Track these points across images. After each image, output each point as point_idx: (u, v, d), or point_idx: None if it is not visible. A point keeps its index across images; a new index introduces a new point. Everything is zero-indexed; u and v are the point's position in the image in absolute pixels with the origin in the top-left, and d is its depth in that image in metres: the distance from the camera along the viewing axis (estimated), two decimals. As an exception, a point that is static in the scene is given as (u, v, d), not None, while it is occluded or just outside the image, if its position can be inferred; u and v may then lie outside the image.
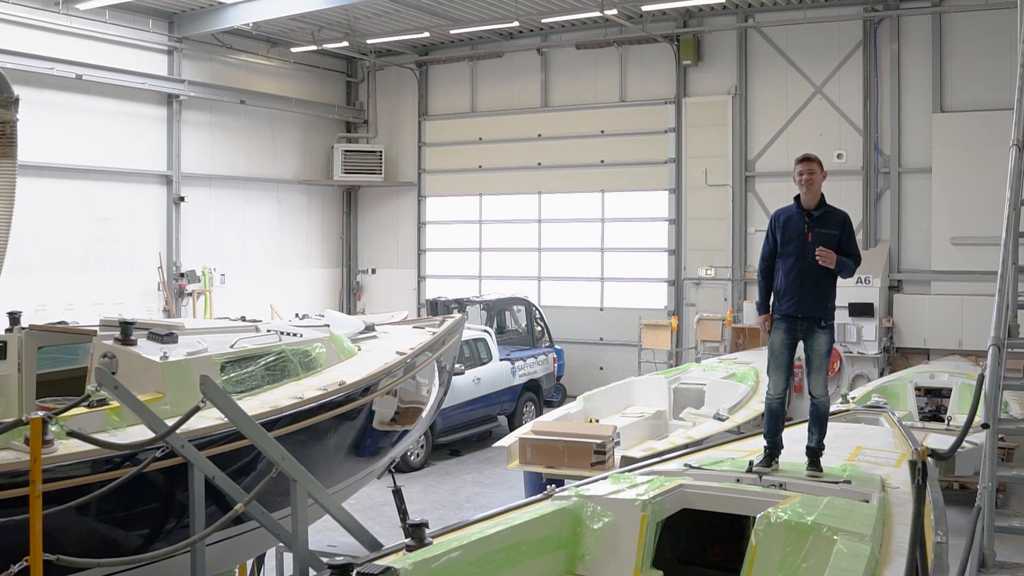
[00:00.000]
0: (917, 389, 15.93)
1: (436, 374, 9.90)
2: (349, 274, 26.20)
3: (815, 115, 20.34)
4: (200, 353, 6.84)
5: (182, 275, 21.55)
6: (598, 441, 11.97)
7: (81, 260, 19.87)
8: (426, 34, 21.86)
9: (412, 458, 15.55)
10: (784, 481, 6.75)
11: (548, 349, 19.81)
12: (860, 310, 19.14)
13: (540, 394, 18.83)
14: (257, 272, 23.39)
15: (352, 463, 8.22)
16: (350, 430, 7.85)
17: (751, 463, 7.15)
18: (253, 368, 7.19)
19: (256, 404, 6.84)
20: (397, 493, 9.07)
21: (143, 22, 20.61)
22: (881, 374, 18.79)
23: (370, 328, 9.73)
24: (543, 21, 21.31)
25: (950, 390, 15.38)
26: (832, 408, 13.69)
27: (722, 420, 14.10)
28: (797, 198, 7.97)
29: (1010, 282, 6.14)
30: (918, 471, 6.16)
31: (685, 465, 7.18)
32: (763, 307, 8.09)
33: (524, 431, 12.77)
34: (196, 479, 5.91)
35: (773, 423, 7.76)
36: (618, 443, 13.75)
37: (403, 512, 8.95)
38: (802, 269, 7.70)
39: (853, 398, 14.92)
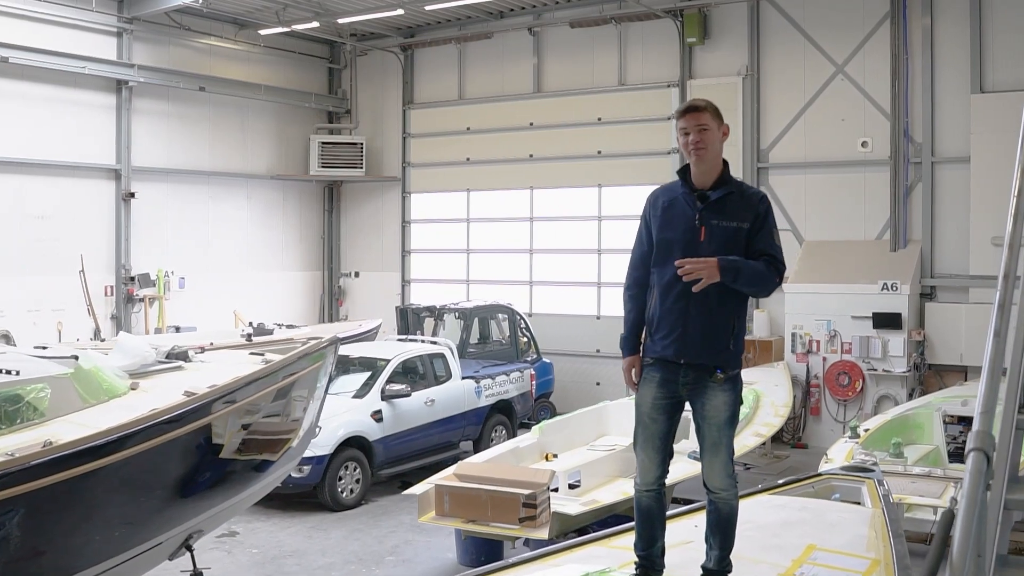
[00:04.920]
0: (949, 417, 13.38)
1: (293, 414, 7.62)
2: (331, 277, 24.01)
3: (836, 98, 17.76)
4: None
5: (132, 279, 19.47)
6: (527, 492, 9.61)
7: (14, 262, 17.82)
8: (400, 12, 19.58)
9: (344, 494, 13.31)
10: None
11: (525, 365, 17.46)
12: (886, 321, 16.55)
13: (513, 416, 16.49)
14: (223, 275, 21.24)
15: (99, 543, 5.98)
16: (72, 503, 5.62)
17: (612, 592, 4.75)
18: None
19: None
20: (195, 581, 6.83)
21: (87, 0, 18.57)
22: (911, 395, 16.26)
23: (180, 356, 7.49)
24: (528, -7, 19.05)
25: (986, 419, 12.87)
26: (831, 458, 11.27)
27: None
28: (684, 172, 5.37)
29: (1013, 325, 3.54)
30: None
31: (517, 588, 4.79)
32: (628, 344, 5.40)
33: (443, 476, 10.47)
34: None
35: (646, 529, 5.23)
36: (577, 483, 11.49)
37: (203, 607, 6.71)
38: (688, 284, 5.05)
39: (866, 431, 12.49)
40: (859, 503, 6.78)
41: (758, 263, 5.12)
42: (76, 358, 6.71)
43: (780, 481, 7.45)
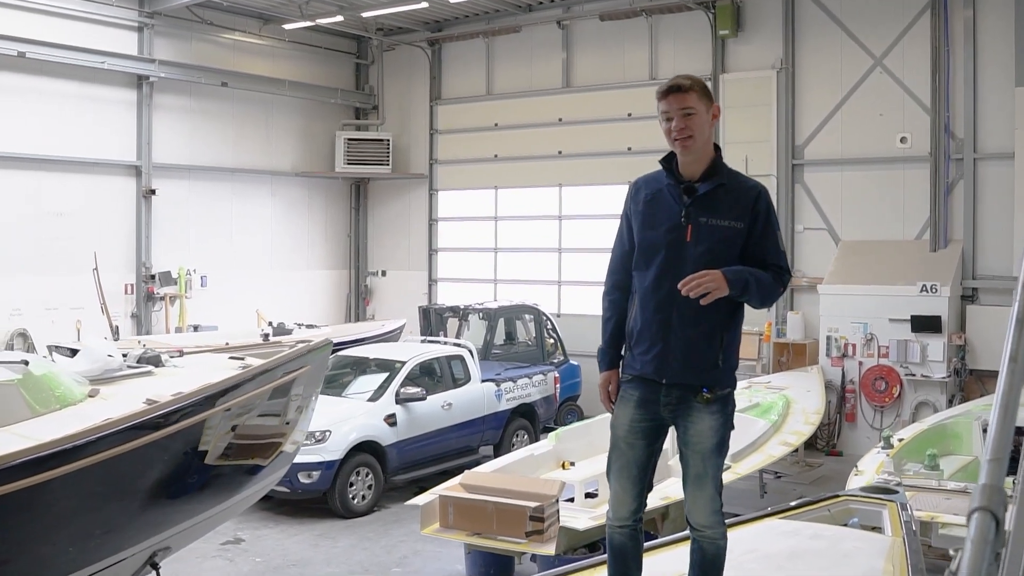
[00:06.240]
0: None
1: (271, 424, 7.15)
2: (358, 276, 23.62)
3: (874, 92, 17.07)
4: None
5: (152, 277, 19.18)
6: (534, 504, 9.11)
7: (32, 260, 17.58)
8: (425, 4, 19.09)
9: (355, 501, 12.86)
10: None
11: (549, 367, 16.93)
12: (925, 324, 15.83)
13: (535, 421, 15.97)
14: (247, 274, 20.92)
15: (48, 560, 5.57)
16: (11, 519, 5.21)
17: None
18: None
19: None
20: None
21: (108, -5, 18.30)
22: (950, 402, 15.56)
23: (151, 360, 7.04)
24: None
25: (1030, 429, 12.16)
26: (861, 470, 10.64)
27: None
28: (668, 160, 4.73)
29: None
30: None
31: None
32: (606, 358, 4.79)
33: (449, 486, 9.99)
34: None
35: (619, 569, 4.61)
36: (595, 493, 10.98)
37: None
38: (672, 291, 4.42)
39: (900, 441, 11.84)
40: (880, 528, 6.20)
41: (766, 275, 4.52)
42: (26, 363, 6.30)
43: (793, 503, 6.84)
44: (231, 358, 7.71)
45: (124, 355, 7.42)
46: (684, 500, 4.63)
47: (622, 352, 4.75)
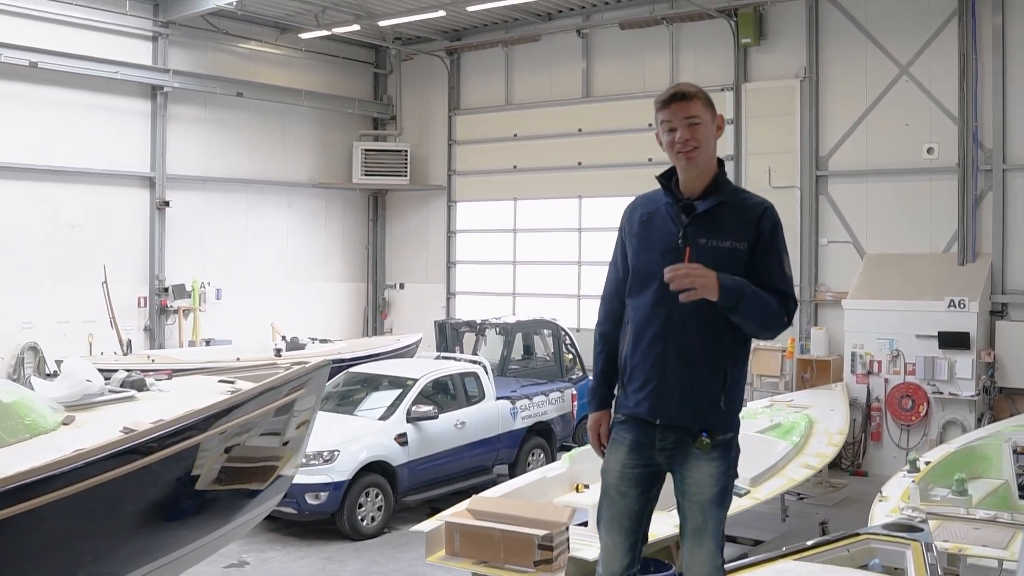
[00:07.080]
0: (1021, 448, 12.18)
1: (258, 453, 6.81)
2: (375, 289, 23.34)
3: (900, 101, 16.64)
4: None
5: (165, 290, 18.96)
6: (543, 532, 8.73)
7: (42, 272, 17.39)
8: (442, 13, 18.81)
9: (364, 523, 12.53)
10: None
11: (566, 384, 16.53)
12: (953, 340, 15.35)
13: (552, 439, 15.58)
14: (263, 287, 20.67)
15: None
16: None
17: None
18: None
19: None
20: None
21: (121, 3, 18.06)
22: (979, 421, 15.10)
23: (135, 385, 6.73)
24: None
25: (1062, 451, 11.72)
26: (885, 496, 10.20)
27: (739, 496, 10.63)
28: (667, 176, 4.36)
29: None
30: None
31: None
32: (596, 397, 4.43)
33: (456, 511, 9.63)
34: None
35: None
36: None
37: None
38: (668, 321, 4.07)
39: (927, 464, 11.40)
40: (903, 571, 5.79)
41: (769, 297, 4.09)
42: (-7, 386, 6.04)
43: (809, 543, 6.45)
44: (221, 381, 7.40)
45: (107, 377, 7.11)
46: (682, 554, 4.25)
47: (615, 391, 4.37)
